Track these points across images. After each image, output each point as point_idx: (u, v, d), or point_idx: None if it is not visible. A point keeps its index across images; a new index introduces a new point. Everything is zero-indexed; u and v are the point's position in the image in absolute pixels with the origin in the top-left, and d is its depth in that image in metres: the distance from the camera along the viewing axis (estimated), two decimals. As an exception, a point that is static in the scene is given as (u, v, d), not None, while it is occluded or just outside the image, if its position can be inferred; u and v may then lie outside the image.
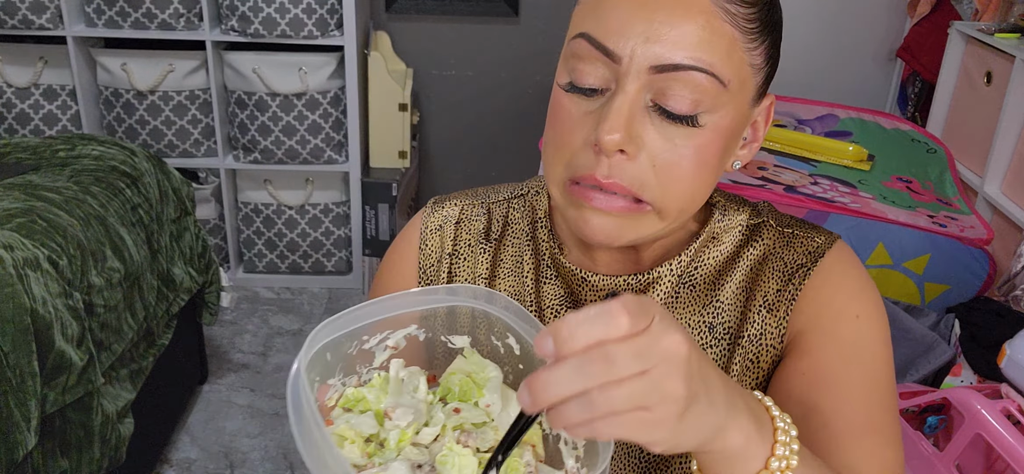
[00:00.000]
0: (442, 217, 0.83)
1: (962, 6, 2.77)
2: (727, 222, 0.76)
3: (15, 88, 2.63)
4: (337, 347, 0.62)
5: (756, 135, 0.70)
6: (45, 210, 1.59)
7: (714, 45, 0.61)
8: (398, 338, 0.65)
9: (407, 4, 2.99)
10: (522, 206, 0.83)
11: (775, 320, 0.72)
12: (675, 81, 0.61)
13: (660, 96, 0.62)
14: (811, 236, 0.75)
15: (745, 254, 0.75)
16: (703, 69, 0.60)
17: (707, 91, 0.61)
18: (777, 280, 0.73)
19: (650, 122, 0.62)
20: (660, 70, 0.61)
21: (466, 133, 3.26)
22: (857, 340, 0.70)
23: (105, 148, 1.96)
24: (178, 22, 2.57)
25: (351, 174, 2.78)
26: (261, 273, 2.96)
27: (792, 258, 0.74)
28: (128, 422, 1.71)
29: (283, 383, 2.45)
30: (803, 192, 1.98)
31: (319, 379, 0.62)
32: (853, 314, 0.70)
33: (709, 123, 0.63)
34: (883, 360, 0.70)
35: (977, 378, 1.71)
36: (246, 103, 2.65)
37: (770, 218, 0.77)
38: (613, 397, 0.45)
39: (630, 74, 0.61)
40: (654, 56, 0.60)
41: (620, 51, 0.61)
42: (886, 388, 0.69)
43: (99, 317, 1.62)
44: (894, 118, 2.47)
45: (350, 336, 0.62)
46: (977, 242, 1.93)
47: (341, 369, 0.63)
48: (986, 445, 1.48)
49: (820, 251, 0.73)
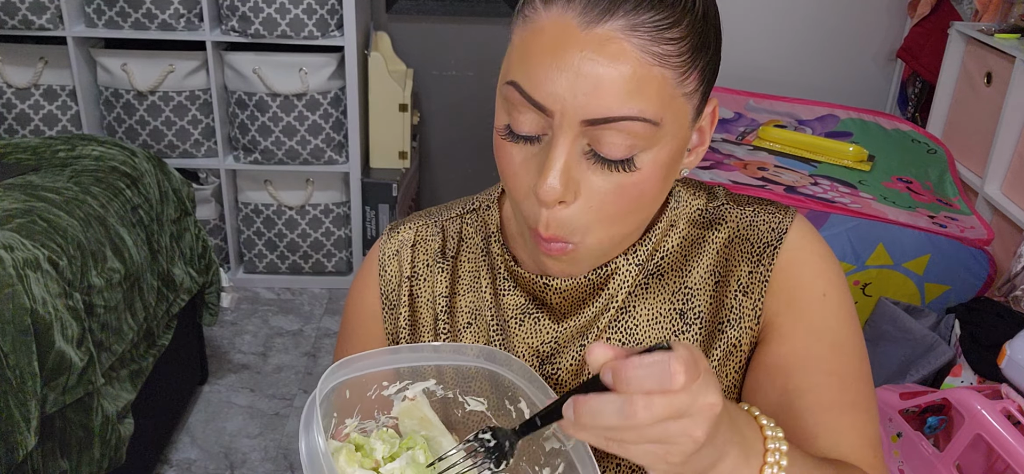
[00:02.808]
0: (398, 242, 0.84)
1: (962, 7, 2.77)
2: (682, 208, 0.78)
3: (15, 88, 2.63)
4: (357, 386, 0.64)
5: (702, 139, 0.71)
6: (45, 210, 1.59)
7: (643, 91, 0.61)
8: (417, 390, 0.67)
9: (407, 4, 3.00)
10: (475, 221, 0.83)
11: (750, 302, 0.74)
12: (608, 131, 0.61)
13: (595, 144, 0.62)
14: (772, 213, 0.76)
15: (709, 238, 0.77)
16: (634, 118, 0.61)
17: (640, 135, 0.62)
18: (747, 261, 0.75)
19: (587, 167, 0.63)
20: (592, 123, 0.61)
21: (466, 133, 3.26)
22: (826, 318, 0.72)
23: (105, 149, 1.96)
24: (178, 22, 2.58)
25: (351, 175, 2.78)
26: (261, 273, 2.96)
27: (758, 238, 0.75)
28: (128, 422, 1.71)
29: (283, 383, 2.45)
30: (803, 193, 1.98)
31: (337, 416, 0.64)
32: (820, 292, 0.73)
33: (646, 161, 0.64)
34: (852, 332, 0.73)
35: (977, 378, 1.71)
36: (246, 103, 2.65)
37: (727, 200, 0.79)
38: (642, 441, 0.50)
39: (563, 127, 0.62)
40: (584, 111, 0.61)
41: (551, 106, 0.62)
42: (858, 360, 0.72)
43: (99, 317, 1.62)
44: (894, 119, 2.47)
45: (369, 379, 0.64)
46: (977, 242, 1.93)
47: (358, 411, 0.65)
48: (986, 445, 1.48)
49: (783, 227, 0.75)
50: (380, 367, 0.64)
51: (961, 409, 1.49)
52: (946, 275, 1.94)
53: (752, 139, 2.34)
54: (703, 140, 0.71)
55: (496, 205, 0.82)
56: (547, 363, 0.78)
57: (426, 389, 0.67)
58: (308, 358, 2.58)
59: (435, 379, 0.67)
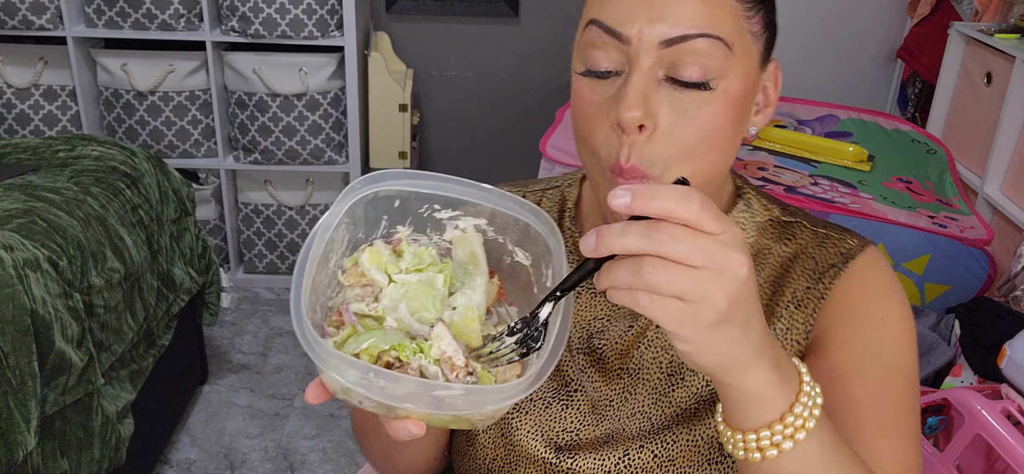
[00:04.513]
0: None
1: (962, 7, 2.77)
2: (752, 214, 0.79)
3: (15, 89, 2.63)
4: (407, 200, 0.66)
5: (768, 99, 0.72)
6: (45, 211, 1.59)
7: (715, 14, 0.64)
8: (469, 223, 0.68)
9: (407, 4, 3.00)
10: (554, 197, 0.86)
11: (802, 316, 0.74)
12: (684, 52, 0.63)
13: (672, 69, 0.64)
14: (845, 238, 0.77)
15: (776, 250, 0.77)
16: (709, 35, 0.63)
17: (714, 56, 0.64)
18: (807, 278, 0.75)
19: (664, 95, 0.65)
20: (669, 44, 0.63)
21: (466, 133, 3.26)
22: (879, 342, 0.71)
23: (105, 149, 1.96)
24: (178, 23, 2.58)
25: (351, 175, 2.78)
26: (261, 274, 2.96)
27: (824, 257, 0.76)
28: (128, 423, 1.71)
29: (283, 383, 2.45)
30: (803, 193, 1.98)
31: (387, 219, 0.66)
32: (878, 317, 0.72)
33: (720, 87, 0.65)
34: (906, 364, 0.71)
35: (977, 378, 1.71)
36: (246, 104, 2.65)
37: (804, 219, 0.79)
38: (661, 274, 0.48)
39: (640, 53, 0.64)
40: (661, 32, 0.63)
41: (628, 32, 0.64)
42: (906, 390, 0.70)
43: (99, 318, 1.62)
44: (894, 119, 2.47)
45: (420, 197, 0.66)
46: (977, 242, 1.93)
47: (411, 222, 0.67)
48: (986, 445, 1.48)
49: (852, 253, 0.75)
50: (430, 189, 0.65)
51: (961, 409, 1.49)
52: (946, 275, 1.94)
53: (752, 139, 2.34)
54: (768, 100, 0.72)
55: (577, 184, 0.85)
56: (595, 337, 0.79)
57: (478, 226, 0.68)
58: (308, 358, 2.57)
59: (487, 220, 0.68)
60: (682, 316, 0.49)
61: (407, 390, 0.53)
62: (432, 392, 0.54)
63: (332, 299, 0.64)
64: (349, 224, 0.64)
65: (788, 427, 0.55)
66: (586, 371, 0.79)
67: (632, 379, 0.77)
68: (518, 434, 0.79)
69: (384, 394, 0.53)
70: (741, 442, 0.57)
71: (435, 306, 0.63)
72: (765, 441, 0.55)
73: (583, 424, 0.79)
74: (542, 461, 0.79)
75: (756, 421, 0.55)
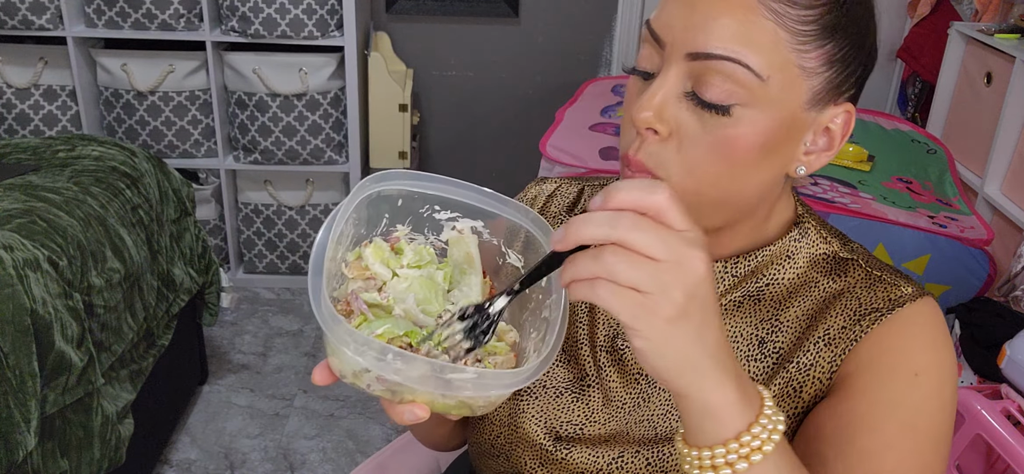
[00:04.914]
0: (539, 190, 0.91)
1: (962, 7, 2.77)
2: (806, 245, 0.76)
3: (15, 89, 2.63)
4: (410, 199, 0.68)
5: (830, 143, 0.68)
6: (45, 211, 1.59)
7: (753, 40, 0.61)
8: (466, 224, 0.70)
9: (407, 4, 2.99)
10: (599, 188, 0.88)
11: (830, 354, 0.71)
12: (711, 70, 0.62)
13: (697, 84, 0.63)
14: (899, 285, 0.72)
15: (823, 284, 0.74)
16: (737, 60, 0.61)
17: (742, 83, 0.62)
18: (845, 318, 0.71)
19: (686, 107, 0.64)
20: (696, 58, 0.63)
21: (466, 133, 3.26)
22: (910, 396, 0.66)
23: (105, 149, 1.96)
24: (178, 23, 2.58)
25: (351, 175, 2.78)
26: (261, 274, 2.96)
27: (870, 300, 0.72)
28: (128, 423, 1.71)
29: (283, 383, 2.45)
30: (803, 193, 1.98)
31: (388, 217, 0.68)
32: (911, 370, 0.67)
33: (744, 117, 0.63)
34: (934, 424, 0.66)
35: (977, 378, 1.71)
36: (246, 104, 2.65)
37: (861, 258, 0.76)
38: (622, 262, 0.49)
39: (671, 59, 0.64)
40: (691, 43, 0.63)
41: (664, 37, 0.65)
42: (929, 445, 0.66)
43: (99, 318, 1.62)
44: (894, 119, 2.47)
45: (422, 198, 0.67)
46: (977, 242, 1.93)
47: (410, 221, 0.69)
48: (986, 445, 1.48)
49: (901, 301, 0.71)
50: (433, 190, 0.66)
51: (961, 409, 1.49)
52: (946, 275, 1.94)
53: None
54: (830, 145, 0.68)
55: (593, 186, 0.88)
56: (619, 337, 0.79)
57: (474, 227, 0.70)
58: (308, 358, 2.58)
59: (483, 222, 0.70)
60: (639, 308, 0.50)
61: (421, 372, 0.55)
62: (444, 375, 0.55)
63: (337, 290, 0.66)
64: (354, 220, 0.66)
65: (744, 446, 0.54)
66: (606, 369, 0.79)
67: (649, 386, 0.77)
68: (523, 417, 0.80)
69: (400, 374, 0.55)
70: (697, 459, 0.55)
71: (438, 300, 0.65)
72: (720, 459, 0.54)
73: (590, 419, 0.79)
74: (539, 447, 0.79)
75: (713, 437, 0.54)
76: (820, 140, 0.68)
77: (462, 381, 0.55)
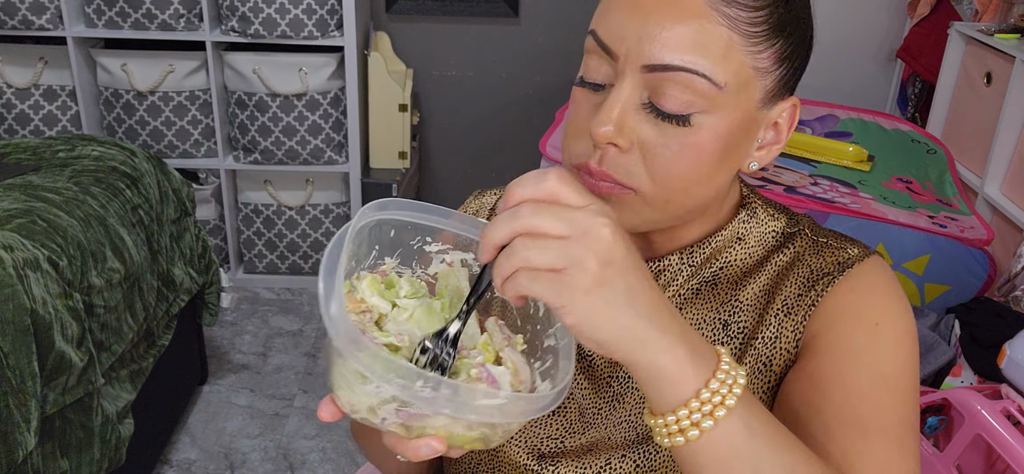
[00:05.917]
0: (479, 204, 0.89)
1: (962, 7, 2.77)
2: (756, 225, 0.77)
3: (15, 89, 2.63)
4: (402, 230, 0.66)
5: (778, 136, 0.70)
6: (45, 211, 1.59)
7: (708, 47, 0.61)
8: (456, 257, 0.68)
9: (407, 4, 2.99)
10: None
11: (792, 323, 0.72)
12: (667, 81, 0.62)
13: (654, 95, 0.63)
14: (845, 247, 0.74)
15: (774, 259, 0.75)
16: (693, 71, 0.61)
17: (700, 92, 0.62)
18: (799, 285, 0.73)
19: (644, 118, 0.64)
20: (652, 69, 0.62)
21: (466, 133, 3.26)
22: (872, 347, 0.68)
23: (105, 149, 1.96)
24: (178, 23, 2.58)
25: (351, 175, 2.78)
26: (261, 274, 2.96)
27: (819, 265, 0.73)
28: (128, 423, 1.71)
29: (283, 383, 2.45)
30: (803, 193, 1.98)
31: (378, 249, 0.66)
32: (871, 322, 0.69)
33: (704, 124, 0.63)
34: (899, 369, 0.68)
35: (977, 378, 1.71)
36: (246, 104, 2.65)
37: (806, 227, 0.77)
38: (531, 248, 0.51)
39: (626, 72, 0.63)
40: (647, 55, 0.62)
41: (617, 50, 0.63)
42: (900, 395, 0.67)
43: (99, 318, 1.62)
44: (894, 119, 2.47)
45: (416, 229, 0.66)
46: (977, 243, 1.93)
47: (399, 254, 0.67)
48: (986, 446, 1.48)
49: (850, 262, 0.73)
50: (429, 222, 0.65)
51: (961, 409, 1.48)
52: (946, 275, 1.94)
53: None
54: (779, 138, 0.70)
55: None
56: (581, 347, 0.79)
57: (464, 260, 0.68)
58: (308, 358, 2.58)
59: (473, 254, 0.69)
60: (559, 286, 0.51)
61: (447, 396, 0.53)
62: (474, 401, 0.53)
63: None
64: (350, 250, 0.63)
65: (706, 404, 0.54)
66: (576, 378, 0.79)
67: (621, 387, 0.77)
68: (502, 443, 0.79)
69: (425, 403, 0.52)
70: (664, 426, 0.55)
71: None
72: (685, 420, 0.54)
73: (569, 432, 0.78)
74: (524, 469, 0.79)
75: (673, 400, 0.54)
76: (769, 135, 0.70)
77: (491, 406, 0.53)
